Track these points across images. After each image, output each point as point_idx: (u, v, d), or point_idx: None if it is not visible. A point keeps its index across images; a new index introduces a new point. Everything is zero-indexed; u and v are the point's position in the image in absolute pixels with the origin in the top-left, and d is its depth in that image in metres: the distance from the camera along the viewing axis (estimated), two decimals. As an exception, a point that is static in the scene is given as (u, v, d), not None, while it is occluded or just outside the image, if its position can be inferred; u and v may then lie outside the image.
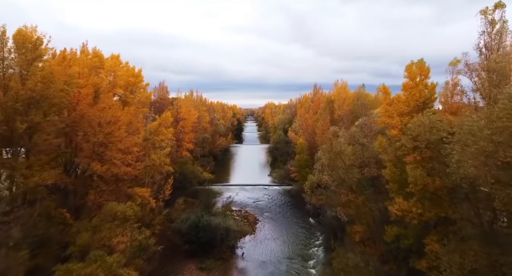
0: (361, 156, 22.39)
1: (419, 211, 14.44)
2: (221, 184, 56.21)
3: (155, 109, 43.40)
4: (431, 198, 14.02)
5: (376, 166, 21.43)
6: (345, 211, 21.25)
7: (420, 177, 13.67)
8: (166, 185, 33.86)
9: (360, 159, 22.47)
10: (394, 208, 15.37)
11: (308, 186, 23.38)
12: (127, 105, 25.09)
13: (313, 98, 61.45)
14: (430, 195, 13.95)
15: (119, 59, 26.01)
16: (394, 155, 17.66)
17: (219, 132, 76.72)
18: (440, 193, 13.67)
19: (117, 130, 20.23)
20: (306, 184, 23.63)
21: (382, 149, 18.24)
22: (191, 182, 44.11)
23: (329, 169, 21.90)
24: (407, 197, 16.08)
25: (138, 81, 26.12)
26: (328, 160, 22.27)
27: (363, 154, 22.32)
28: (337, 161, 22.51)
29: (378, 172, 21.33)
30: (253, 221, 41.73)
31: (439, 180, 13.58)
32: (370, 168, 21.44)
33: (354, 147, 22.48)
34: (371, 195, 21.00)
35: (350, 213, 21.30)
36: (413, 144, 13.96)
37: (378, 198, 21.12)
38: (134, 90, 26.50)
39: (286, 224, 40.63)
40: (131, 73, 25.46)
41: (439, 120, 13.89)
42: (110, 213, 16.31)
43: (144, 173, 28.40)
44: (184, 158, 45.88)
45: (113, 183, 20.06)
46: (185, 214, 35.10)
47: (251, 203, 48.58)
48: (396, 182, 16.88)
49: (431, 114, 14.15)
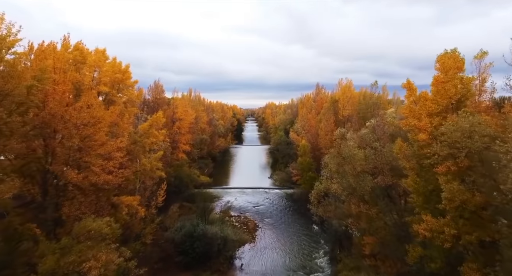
0: (373, 162, 19.63)
1: (452, 232, 11.72)
2: (219, 187, 53.41)
3: (149, 109, 40.65)
4: (470, 217, 11.32)
5: (391, 174, 18.68)
6: (357, 224, 18.49)
7: (459, 192, 10.96)
8: (159, 191, 31.17)
9: (372, 165, 19.72)
10: (421, 228, 12.66)
11: (314, 196, 20.65)
12: (113, 104, 22.38)
13: (315, 97, 58.70)
14: (469, 214, 11.24)
15: (105, 54, 23.28)
16: (416, 162, 14.92)
17: (218, 133, 73.99)
18: (482, 212, 10.97)
19: (97, 132, 17.50)
20: (312, 194, 20.88)
21: (402, 155, 15.53)
22: (187, 186, 41.35)
23: (338, 176, 19.16)
24: (435, 213, 13.36)
25: (126, 78, 23.39)
26: (337, 166, 19.53)
27: (376, 160, 19.57)
28: (346, 167, 19.76)
29: (393, 180, 18.60)
30: (253, 228, 38.98)
31: (481, 196, 10.87)
32: (384, 176, 18.69)
33: (366, 151, 19.74)
34: (386, 206, 18.24)
35: (363, 226, 18.57)
36: (448, 151, 11.26)
37: (393, 210, 18.36)
38: (122, 88, 23.78)
39: (288, 231, 37.87)
40: (117, 69, 22.73)
41: (478, 123, 11.17)
42: (83, 231, 13.61)
43: (134, 179, 25.74)
44: (180, 160, 43.14)
45: (92, 193, 17.33)
46: (179, 222, 32.40)
47: (251, 207, 45.81)
48: (421, 195, 14.17)
49: (468, 115, 11.43)
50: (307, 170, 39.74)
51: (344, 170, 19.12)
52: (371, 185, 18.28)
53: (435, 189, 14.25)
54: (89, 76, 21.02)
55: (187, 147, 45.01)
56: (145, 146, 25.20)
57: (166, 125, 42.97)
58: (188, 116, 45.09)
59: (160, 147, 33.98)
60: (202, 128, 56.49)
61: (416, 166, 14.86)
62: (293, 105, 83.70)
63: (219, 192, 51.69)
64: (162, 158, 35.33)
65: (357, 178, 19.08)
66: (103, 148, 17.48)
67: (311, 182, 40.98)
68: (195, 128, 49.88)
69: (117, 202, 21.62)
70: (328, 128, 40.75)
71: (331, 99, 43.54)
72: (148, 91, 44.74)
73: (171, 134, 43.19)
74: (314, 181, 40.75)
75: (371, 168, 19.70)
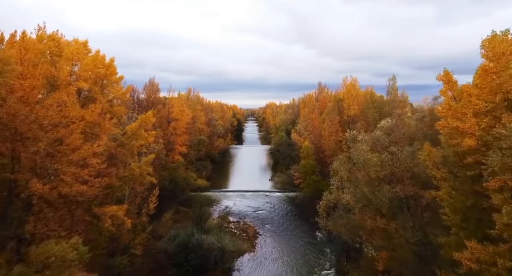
0: (390, 169, 16.84)
1: (508, 265, 8.97)
2: (218, 190, 50.59)
3: (142, 109, 37.88)
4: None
5: (412, 183, 15.88)
6: (374, 241, 15.73)
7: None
8: (151, 197, 28.41)
9: (389, 172, 16.92)
10: (464, 257, 9.88)
11: (322, 207, 17.90)
12: (94, 103, 19.59)
13: (317, 97, 55.89)
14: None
15: (87, 47, 20.49)
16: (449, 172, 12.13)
17: (218, 133, 71.17)
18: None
19: (70, 135, 14.72)
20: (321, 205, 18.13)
21: (431, 162, 12.78)
22: (183, 190, 38.53)
23: (350, 186, 16.41)
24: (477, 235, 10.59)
25: (110, 73, 20.60)
26: (348, 173, 16.77)
27: (394, 166, 16.78)
28: (359, 174, 16.96)
29: (414, 190, 15.80)
30: (252, 235, 36.16)
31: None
32: (404, 185, 15.88)
33: (382, 156, 16.95)
34: (406, 221, 15.45)
35: (380, 244, 15.82)
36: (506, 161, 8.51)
37: (415, 225, 15.55)
38: (106, 84, 21.01)
39: (290, 238, 35.04)
40: (100, 62, 19.94)
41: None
42: (41, 258, 10.87)
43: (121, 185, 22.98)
44: (176, 162, 40.35)
45: (63, 206, 14.56)
46: (173, 230, 29.61)
47: (251, 212, 42.97)
48: (458, 212, 11.41)
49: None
50: (310, 173, 36.92)
51: (356, 178, 16.35)
52: (389, 196, 15.50)
53: (474, 205, 11.46)
54: (66, 71, 18.21)
55: (184, 149, 42.21)
56: (133, 149, 22.43)
57: (161, 126, 40.20)
58: (185, 116, 42.29)
59: (153, 149, 31.21)
60: (200, 129, 53.70)
61: (449, 177, 12.10)
62: (294, 105, 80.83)
63: (217, 195, 48.88)
64: (155, 161, 32.57)
65: (372, 188, 16.28)
66: (77, 154, 14.69)
67: (315, 186, 38.26)
68: (192, 128, 47.08)
69: (100, 213, 18.86)
70: (332, 129, 37.97)
71: (335, 98, 40.72)
72: (143, 90, 41.96)
73: (166, 135, 40.42)
74: (318, 185, 38.06)
75: (387, 175, 16.89)
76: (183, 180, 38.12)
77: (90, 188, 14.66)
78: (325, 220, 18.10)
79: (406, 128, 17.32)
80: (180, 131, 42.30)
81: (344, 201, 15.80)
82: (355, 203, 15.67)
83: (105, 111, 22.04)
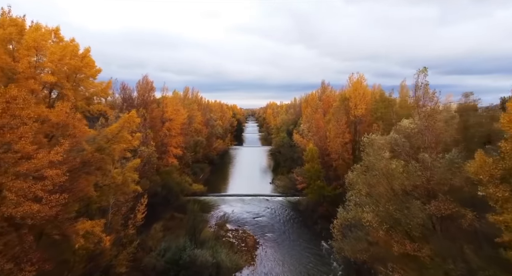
0: (419, 180, 13.49)
1: None
2: (216, 195, 47.21)
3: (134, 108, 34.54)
4: None
5: (449, 199, 12.53)
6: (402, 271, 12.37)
7: None
8: (139, 206, 25.09)
9: (418, 185, 13.58)
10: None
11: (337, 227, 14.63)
12: (64, 100, 16.26)
13: (321, 96, 52.51)
14: None
15: (59, 34, 17.15)
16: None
17: (216, 134, 67.75)
18: None
19: (19, 140, 11.41)
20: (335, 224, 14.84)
21: (487, 177, 9.51)
22: (177, 196, 35.18)
23: (370, 201, 13.07)
24: None
25: (85, 65, 17.28)
26: (368, 187, 13.46)
27: (424, 177, 13.44)
28: (381, 188, 13.62)
29: (454, 209, 12.44)
30: (252, 246, 32.80)
31: None
32: (440, 202, 12.54)
33: (408, 166, 13.61)
34: (446, 249, 12.12)
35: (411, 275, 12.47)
36: None
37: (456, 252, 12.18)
38: (81, 78, 17.72)
39: (293, 249, 31.67)
40: (71, 52, 16.65)
41: None
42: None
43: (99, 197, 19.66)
44: (170, 166, 37.01)
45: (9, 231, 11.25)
46: (163, 243, 26.30)
47: (251, 219, 39.59)
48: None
49: None
50: (315, 178, 33.55)
51: (379, 192, 13.05)
52: (422, 216, 12.17)
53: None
54: (26, 61, 14.88)
55: (179, 151, 38.86)
56: (113, 154, 19.08)
57: (154, 127, 36.85)
58: (180, 115, 38.92)
59: (142, 153, 27.88)
60: (198, 129, 50.32)
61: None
62: (295, 104, 77.39)
63: (215, 200, 45.51)
64: (145, 166, 29.24)
65: (398, 204, 12.93)
66: (28, 164, 11.38)
67: (320, 192, 34.91)
68: (188, 129, 43.72)
69: (70, 231, 15.52)
70: (338, 130, 34.59)
71: (341, 97, 37.33)
72: (135, 88, 38.57)
73: (160, 136, 37.07)
74: (323, 191, 34.74)
75: (416, 188, 13.54)
76: (177, 185, 34.76)
77: (44, 207, 11.32)
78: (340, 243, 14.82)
79: (438, 130, 13.98)
80: (174, 132, 38.95)
81: (365, 221, 12.51)
82: (379, 224, 12.38)
83: (82, 109, 18.77)
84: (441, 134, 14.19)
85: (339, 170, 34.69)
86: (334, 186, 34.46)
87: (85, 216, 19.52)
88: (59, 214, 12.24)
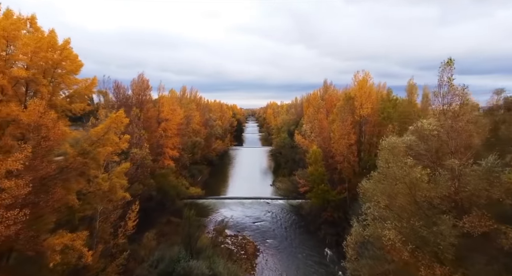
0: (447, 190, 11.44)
1: None
2: (215, 197, 45.15)
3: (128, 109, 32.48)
4: None
5: (487, 215, 10.49)
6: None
7: None
8: (129, 213, 23.06)
9: (442, 194, 11.52)
10: None
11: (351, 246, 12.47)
12: (38, 97, 14.22)
13: (323, 95, 50.47)
14: None
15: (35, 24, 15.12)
16: None
17: (216, 134, 65.63)
18: None
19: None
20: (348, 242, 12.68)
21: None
22: (173, 200, 33.13)
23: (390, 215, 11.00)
24: None
25: (64, 59, 15.26)
26: (387, 198, 11.38)
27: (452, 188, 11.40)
28: (403, 200, 11.56)
29: (492, 226, 10.39)
30: (252, 253, 30.77)
31: None
32: (475, 218, 10.50)
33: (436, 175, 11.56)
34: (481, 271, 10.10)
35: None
36: None
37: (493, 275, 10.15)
38: (61, 74, 15.68)
39: (295, 257, 29.62)
40: (47, 44, 14.61)
41: None
42: None
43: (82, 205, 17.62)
44: (166, 168, 34.96)
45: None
46: (157, 252, 24.25)
47: (251, 224, 37.57)
48: None
49: None
50: (319, 181, 31.49)
51: (400, 204, 11.00)
52: (455, 234, 10.13)
53: None
54: (-7, 53, 12.86)
55: (175, 153, 36.81)
56: (98, 158, 17.03)
57: (150, 127, 34.80)
58: (176, 115, 36.87)
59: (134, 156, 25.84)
60: (196, 130, 48.23)
61: None
62: (297, 104, 75.25)
63: (214, 203, 43.46)
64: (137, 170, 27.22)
65: (424, 218, 10.89)
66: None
67: (324, 197, 32.82)
68: (185, 129, 41.64)
69: (43, 249, 13.50)
70: (343, 131, 32.52)
71: (346, 96, 35.23)
72: (129, 86, 36.51)
73: (155, 137, 35.02)
74: (327, 195, 32.68)
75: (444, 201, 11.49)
76: (173, 188, 32.71)
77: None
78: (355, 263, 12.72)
79: (467, 132, 11.93)
80: (171, 133, 36.90)
81: (386, 239, 10.46)
82: (403, 243, 10.32)
83: (62, 109, 16.74)
84: (471, 136, 12.11)
85: (344, 173, 32.64)
86: (339, 190, 32.41)
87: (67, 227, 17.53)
88: (21, 232, 10.17)
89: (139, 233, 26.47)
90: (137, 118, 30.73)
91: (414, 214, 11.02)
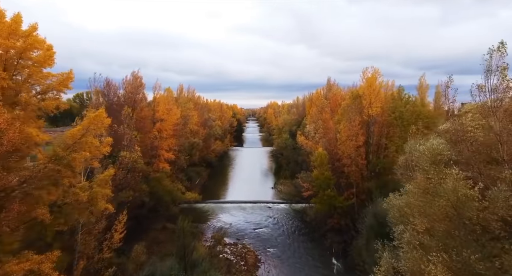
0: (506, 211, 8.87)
1: None
2: (214, 201, 42.59)
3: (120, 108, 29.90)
4: None
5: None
6: None
7: None
8: (116, 224, 20.52)
9: (497, 216, 8.95)
10: None
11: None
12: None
13: (326, 94, 47.85)
14: None
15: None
16: None
17: (215, 135, 63.03)
18: None
19: None
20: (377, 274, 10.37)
21: None
22: (167, 207, 30.54)
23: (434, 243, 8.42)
24: None
25: (29, 47, 12.72)
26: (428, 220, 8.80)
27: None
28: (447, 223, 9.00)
29: None
30: (253, 264, 28.19)
31: None
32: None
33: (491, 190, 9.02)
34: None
35: None
36: None
37: None
38: (27, 65, 13.15)
39: (299, 269, 27.02)
40: (7, 30, 12.07)
41: None
42: None
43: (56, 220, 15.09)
44: (161, 172, 32.38)
45: None
46: (147, 267, 21.70)
47: (251, 230, 35.00)
48: None
49: None
50: (324, 186, 28.93)
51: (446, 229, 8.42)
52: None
53: None
54: None
55: (171, 155, 34.25)
56: (73, 165, 14.48)
57: (143, 128, 32.21)
58: (172, 115, 34.32)
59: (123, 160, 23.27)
60: (194, 130, 45.64)
61: None
62: (298, 104, 72.60)
63: (213, 208, 40.90)
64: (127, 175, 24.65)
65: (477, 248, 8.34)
66: None
67: (330, 202, 30.21)
68: (182, 130, 39.07)
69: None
70: (351, 131, 29.95)
71: (353, 94, 32.64)
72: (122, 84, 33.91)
73: (149, 139, 32.43)
74: (334, 201, 30.04)
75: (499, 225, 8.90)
76: (167, 193, 30.14)
77: None
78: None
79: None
80: (166, 134, 34.34)
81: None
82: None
83: (31, 107, 14.16)
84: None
85: (351, 177, 30.06)
86: (346, 196, 29.83)
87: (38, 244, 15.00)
88: None
89: (129, 243, 23.97)
90: (129, 118, 28.16)
91: (465, 243, 8.44)
